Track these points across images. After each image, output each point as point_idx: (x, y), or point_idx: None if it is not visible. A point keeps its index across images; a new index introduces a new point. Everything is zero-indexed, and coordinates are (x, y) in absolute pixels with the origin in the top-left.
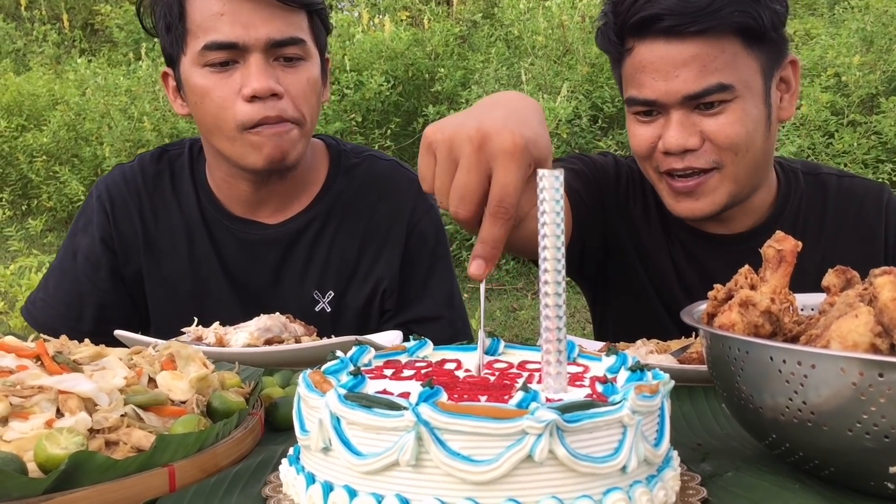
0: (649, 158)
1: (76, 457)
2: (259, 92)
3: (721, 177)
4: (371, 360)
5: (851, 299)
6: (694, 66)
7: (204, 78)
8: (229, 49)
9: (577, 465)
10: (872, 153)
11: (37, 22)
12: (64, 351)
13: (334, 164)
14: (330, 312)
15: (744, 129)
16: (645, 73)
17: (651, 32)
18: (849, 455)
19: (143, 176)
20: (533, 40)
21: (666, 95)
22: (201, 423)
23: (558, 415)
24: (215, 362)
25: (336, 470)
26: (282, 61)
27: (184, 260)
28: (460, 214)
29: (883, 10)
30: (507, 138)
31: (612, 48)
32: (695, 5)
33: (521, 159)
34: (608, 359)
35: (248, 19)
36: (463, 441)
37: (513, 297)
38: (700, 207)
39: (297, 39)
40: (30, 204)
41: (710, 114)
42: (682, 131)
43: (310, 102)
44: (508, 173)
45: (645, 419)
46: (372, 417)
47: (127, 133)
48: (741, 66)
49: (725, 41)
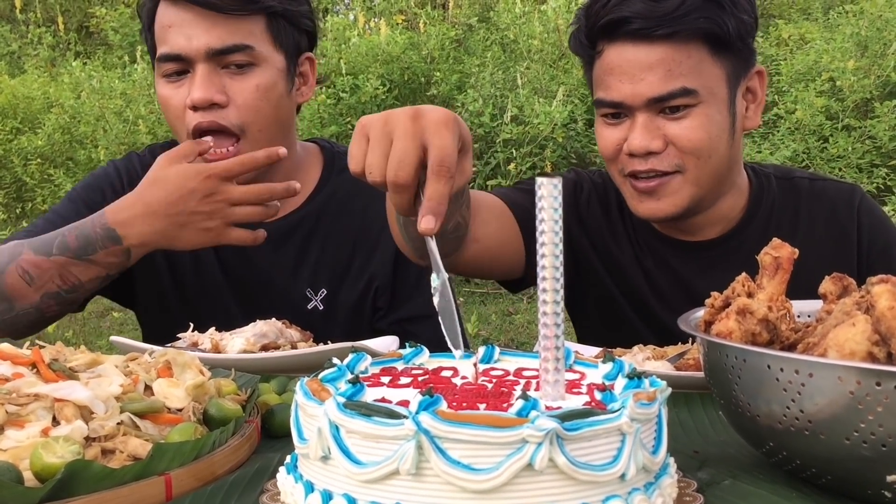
0: (615, 160)
1: (72, 465)
2: (197, 102)
3: (683, 179)
4: (368, 368)
5: (849, 307)
6: (659, 69)
7: (164, 88)
8: (176, 60)
9: (577, 474)
10: (867, 157)
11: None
12: (60, 358)
13: (327, 166)
14: (322, 310)
15: (706, 135)
16: (612, 76)
17: (619, 35)
18: (846, 464)
19: None
20: (529, 44)
21: (631, 98)
22: (198, 430)
23: (558, 423)
24: (211, 369)
25: (335, 478)
26: (232, 68)
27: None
28: (400, 178)
29: (877, 15)
30: (440, 111)
31: (583, 51)
32: (662, 10)
33: (453, 128)
34: (605, 366)
35: (190, 30)
36: (463, 450)
37: (508, 302)
38: (661, 208)
39: (242, 46)
40: (24, 207)
41: (675, 118)
42: (646, 134)
43: (258, 109)
44: (444, 138)
45: (643, 427)
46: (372, 426)
47: (122, 136)
48: (706, 72)
49: (692, 47)
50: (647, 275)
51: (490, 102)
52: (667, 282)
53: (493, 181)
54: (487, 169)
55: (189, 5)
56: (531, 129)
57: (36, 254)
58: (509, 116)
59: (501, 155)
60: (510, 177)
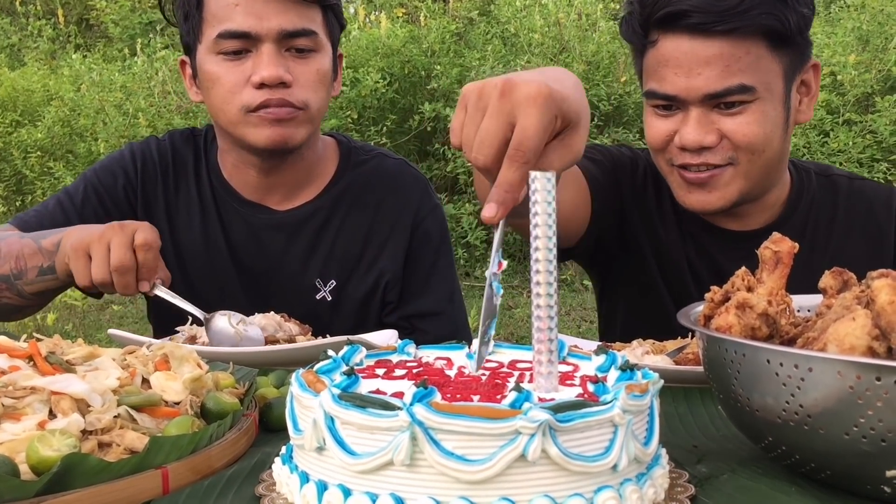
0: (663, 151)
1: (68, 459)
2: (268, 80)
3: (734, 172)
4: (362, 360)
5: (849, 302)
6: (717, 65)
7: (217, 65)
8: (242, 38)
9: (570, 464)
10: (867, 152)
11: (32, 17)
12: (57, 351)
13: (343, 160)
14: (330, 301)
15: (762, 131)
16: (667, 68)
17: (677, 27)
18: (845, 458)
19: (172, 151)
20: (529, 38)
21: (686, 92)
22: (195, 424)
23: (551, 415)
24: (209, 362)
25: (330, 469)
26: (293, 52)
27: (197, 236)
28: (479, 160)
29: (879, 10)
30: (533, 86)
31: (636, 39)
32: (723, 4)
33: (544, 106)
34: (598, 358)
35: (261, 10)
36: (457, 441)
37: (508, 295)
38: (711, 200)
39: (309, 31)
40: (24, 199)
41: (730, 113)
42: (700, 129)
43: (317, 92)
44: (528, 118)
45: (635, 418)
46: (366, 417)
47: (122, 129)
48: (764, 68)
49: (750, 42)
50: (689, 262)
51: None
52: (706, 270)
53: None
54: None
55: None
56: None
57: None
58: None
59: None
60: None
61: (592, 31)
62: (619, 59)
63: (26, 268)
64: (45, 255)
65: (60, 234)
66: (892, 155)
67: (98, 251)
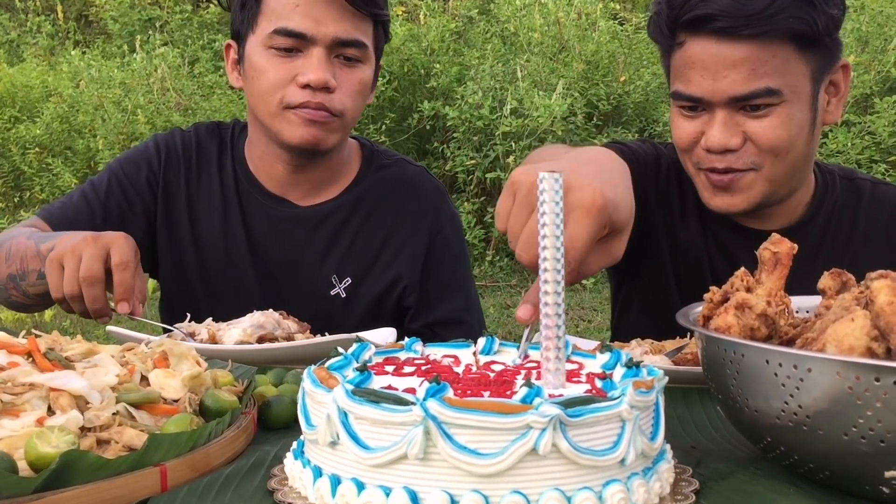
0: (690, 152)
1: (67, 455)
2: (314, 83)
3: (757, 175)
4: (371, 357)
5: (848, 303)
6: (744, 68)
7: (266, 59)
8: (297, 38)
9: (579, 458)
10: (866, 153)
11: (31, 13)
12: (56, 347)
13: (366, 163)
14: (344, 298)
15: (786, 134)
16: (693, 70)
17: (704, 30)
18: (844, 459)
19: (196, 143)
20: (529, 37)
21: (712, 94)
22: (194, 422)
23: (561, 409)
24: (208, 360)
25: (344, 463)
26: (341, 59)
27: (215, 224)
28: (523, 258)
29: (878, 11)
30: (588, 194)
31: (663, 40)
32: (750, 8)
33: (597, 216)
34: (602, 356)
35: (320, 15)
36: (469, 435)
37: (506, 294)
38: (735, 203)
39: (360, 42)
40: (22, 196)
41: (755, 116)
42: (726, 131)
43: (355, 101)
44: (579, 228)
45: (642, 414)
46: (380, 412)
47: (120, 126)
48: (791, 71)
49: (777, 45)
50: (709, 257)
51: (490, 95)
52: (725, 267)
53: (491, 174)
54: (486, 161)
55: None
56: (531, 122)
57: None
58: (509, 109)
59: (501, 148)
60: (509, 170)
61: (592, 31)
62: (619, 59)
63: (28, 270)
64: (41, 259)
65: (55, 239)
66: (891, 156)
67: (70, 263)
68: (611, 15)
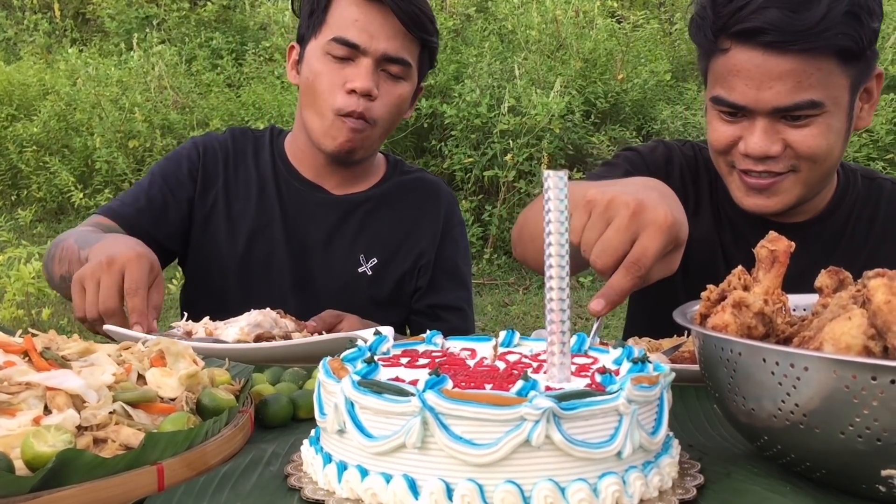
0: (725, 154)
1: (63, 455)
2: (360, 89)
3: (795, 180)
4: (389, 349)
5: (845, 301)
6: (789, 80)
7: (323, 63)
8: (351, 48)
9: (573, 450)
10: (864, 151)
11: (28, 11)
12: (52, 346)
13: (391, 168)
14: (370, 276)
15: (826, 143)
16: (738, 78)
17: (751, 42)
18: (841, 457)
19: (232, 141)
20: (526, 35)
21: (756, 103)
22: (191, 420)
23: (555, 403)
24: (205, 358)
25: (350, 450)
26: (386, 73)
27: (251, 204)
28: (598, 263)
29: None
30: (662, 212)
31: (706, 43)
32: (801, 25)
33: (668, 233)
34: (615, 351)
35: (375, 30)
36: (465, 426)
37: (504, 292)
38: (769, 205)
39: (405, 61)
40: (19, 194)
41: (796, 125)
42: (766, 139)
43: (391, 113)
44: (653, 241)
45: (642, 408)
46: (382, 402)
47: (118, 124)
48: (833, 83)
49: (823, 60)
50: (724, 248)
51: (487, 93)
52: (742, 259)
53: (489, 172)
54: (484, 160)
55: (385, 11)
56: (528, 119)
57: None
58: (506, 107)
59: (498, 146)
60: (507, 168)
61: (590, 29)
62: (617, 57)
63: (72, 273)
64: (81, 264)
65: (91, 247)
66: (889, 154)
67: (90, 288)
68: (609, 13)
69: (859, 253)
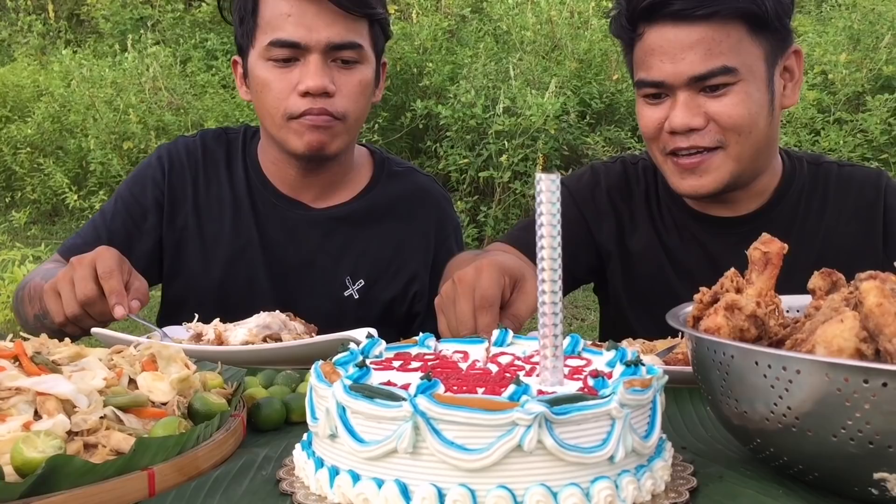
0: (656, 139)
1: (53, 460)
2: (313, 90)
3: (725, 155)
4: (381, 353)
5: (837, 304)
6: (700, 48)
7: (267, 71)
8: (292, 47)
9: (565, 455)
10: (858, 151)
11: (22, 12)
12: (43, 351)
13: (378, 169)
14: (357, 300)
15: (746, 111)
16: (654, 56)
17: (660, 17)
18: (833, 460)
19: (202, 149)
20: (521, 35)
21: (673, 77)
22: (182, 425)
23: (547, 407)
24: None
25: (341, 455)
26: (339, 62)
27: (226, 225)
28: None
29: (870, 9)
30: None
31: (624, 34)
32: None
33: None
34: (608, 353)
35: (311, 22)
36: (457, 431)
37: None
38: (703, 184)
39: (355, 44)
40: (13, 196)
41: (715, 96)
42: (688, 111)
43: (357, 103)
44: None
45: (634, 412)
46: (373, 407)
47: (112, 125)
48: (745, 50)
49: (731, 26)
50: (669, 254)
51: (482, 94)
52: (694, 259)
53: (484, 172)
54: (479, 160)
55: None
56: (523, 120)
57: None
58: (501, 108)
59: (493, 146)
60: (502, 168)
61: (584, 30)
62: (611, 58)
63: (45, 309)
64: None
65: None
66: (883, 154)
67: (64, 287)
68: (603, 13)
69: (812, 243)
